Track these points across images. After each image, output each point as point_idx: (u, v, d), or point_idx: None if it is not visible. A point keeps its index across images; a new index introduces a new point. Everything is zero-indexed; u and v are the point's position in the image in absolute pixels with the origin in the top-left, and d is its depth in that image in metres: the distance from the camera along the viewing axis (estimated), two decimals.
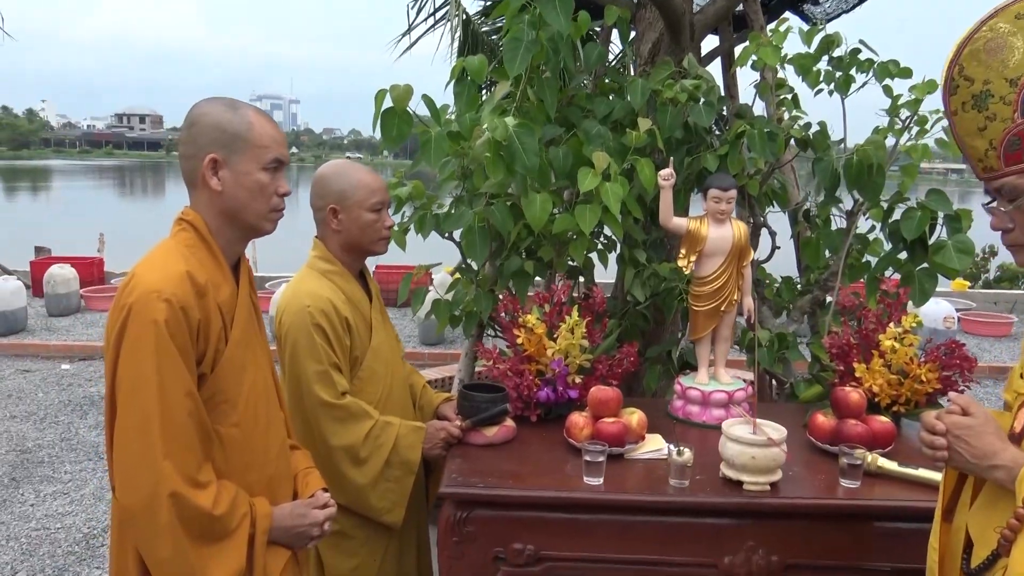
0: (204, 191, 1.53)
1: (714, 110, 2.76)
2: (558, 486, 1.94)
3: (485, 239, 2.61)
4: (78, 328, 7.71)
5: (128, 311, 1.40)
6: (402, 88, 2.46)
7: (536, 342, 2.33)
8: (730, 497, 1.90)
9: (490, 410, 2.14)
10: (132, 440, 1.39)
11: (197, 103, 1.55)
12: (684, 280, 2.95)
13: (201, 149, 1.50)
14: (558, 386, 2.30)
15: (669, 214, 2.36)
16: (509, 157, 2.38)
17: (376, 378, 2.15)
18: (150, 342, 1.38)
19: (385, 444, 2.06)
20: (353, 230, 2.11)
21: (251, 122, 1.52)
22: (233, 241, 1.58)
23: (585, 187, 2.54)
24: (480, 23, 7.14)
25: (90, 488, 4.21)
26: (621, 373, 2.37)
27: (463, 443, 2.16)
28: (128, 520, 1.42)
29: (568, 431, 2.15)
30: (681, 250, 2.37)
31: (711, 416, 2.35)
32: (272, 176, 1.55)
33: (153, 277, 1.42)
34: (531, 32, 2.62)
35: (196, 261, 1.50)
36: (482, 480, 1.94)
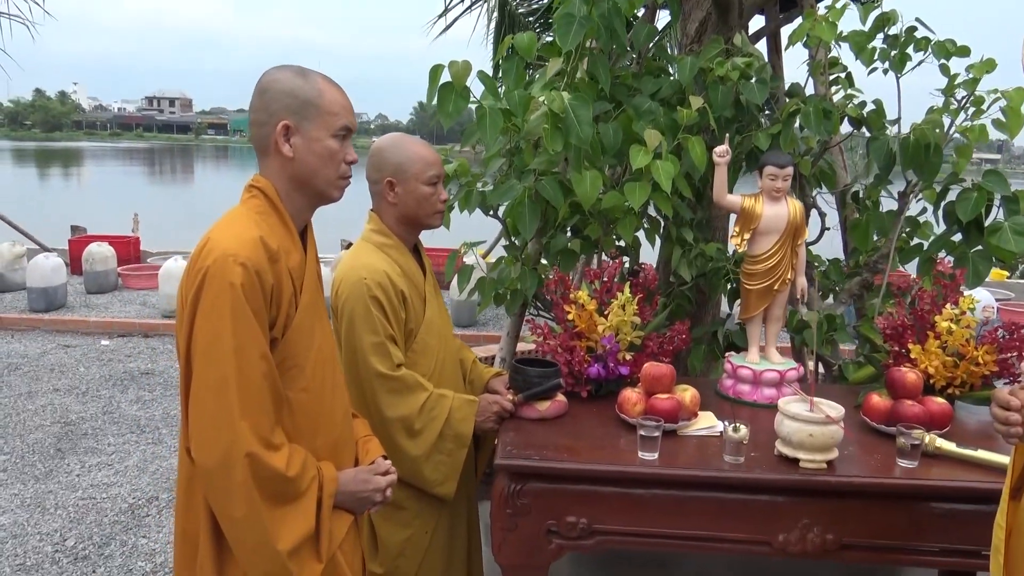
0: (275, 158, 1.54)
1: (767, 88, 2.73)
2: (612, 460, 1.95)
3: (535, 213, 2.61)
4: (116, 305, 7.82)
5: (204, 274, 1.42)
6: (460, 64, 2.46)
7: (587, 319, 2.33)
8: (786, 474, 1.89)
9: (543, 384, 2.15)
10: (209, 400, 1.41)
11: (268, 71, 1.56)
12: (732, 260, 2.94)
13: (273, 116, 1.51)
14: (609, 362, 2.30)
15: (723, 191, 2.34)
16: (564, 129, 2.37)
17: (429, 351, 2.16)
18: (226, 304, 1.40)
19: (439, 416, 2.07)
20: (409, 203, 2.11)
21: (321, 89, 1.53)
22: (302, 208, 1.59)
23: (637, 164, 2.53)
24: (516, 5, 7.11)
25: (133, 460, 4.29)
26: (672, 350, 2.37)
27: (515, 417, 2.17)
28: (203, 479, 1.44)
29: (620, 407, 2.15)
30: (735, 228, 2.36)
31: (762, 395, 2.34)
32: (341, 143, 1.56)
33: (228, 241, 1.44)
34: (583, 8, 2.61)
35: (268, 227, 1.51)
36: (537, 453, 1.94)
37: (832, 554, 1.92)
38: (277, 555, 1.45)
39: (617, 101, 2.91)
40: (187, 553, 1.55)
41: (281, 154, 1.53)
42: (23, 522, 3.57)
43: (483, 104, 2.51)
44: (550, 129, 2.35)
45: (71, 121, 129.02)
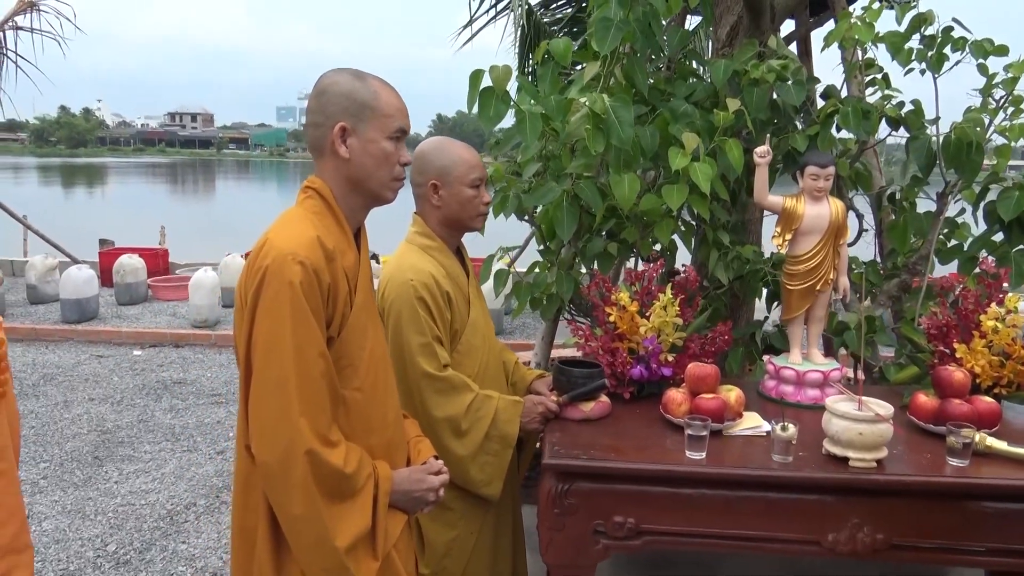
0: (331, 159, 1.56)
1: (804, 89, 2.73)
2: (659, 459, 1.95)
3: (573, 215, 2.62)
4: (147, 316, 7.92)
5: (264, 273, 1.44)
6: (501, 69, 2.48)
7: (628, 320, 2.34)
8: (835, 473, 1.89)
9: (588, 385, 2.16)
10: (269, 398, 1.43)
11: (325, 73, 1.59)
12: (770, 263, 2.94)
13: (330, 118, 1.54)
14: (651, 364, 2.31)
15: (764, 192, 2.34)
16: (606, 131, 2.38)
17: (474, 352, 2.18)
18: (286, 303, 1.42)
19: (485, 417, 2.08)
20: (453, 205, 2.13)
21: (377, 92, 1.55)
22: (356, 209, 1.61)
23: (676, 166, 2.53)
24: (541, 15, 7.15)
25: (170, 467, 4.33)
26: (714, 351, 2.36)
27: (560, 418, 2.17)
28: (263, 476, 1.46)
29: (665, 407, 2.15)
30: (776, 228, 2.36)
31: (805, 396, 2.33)
32: (395, 145, 1.58)
33: (287, 241, 1.46)
34: (619, 12, 2.63)
35: (324, 227, 1.54)
36: (584, 452, 1.95)
37: (882, 554, 1.91)
38: (335, 552, 1.46)
39: (651, 105, 2.92)
40: (245, 550, 1.57)
41: (337, 155, 1.55)
42: (65, 528, 3.61)
43: (523, 108, 2.54)
44: (592, 130, 2.37)
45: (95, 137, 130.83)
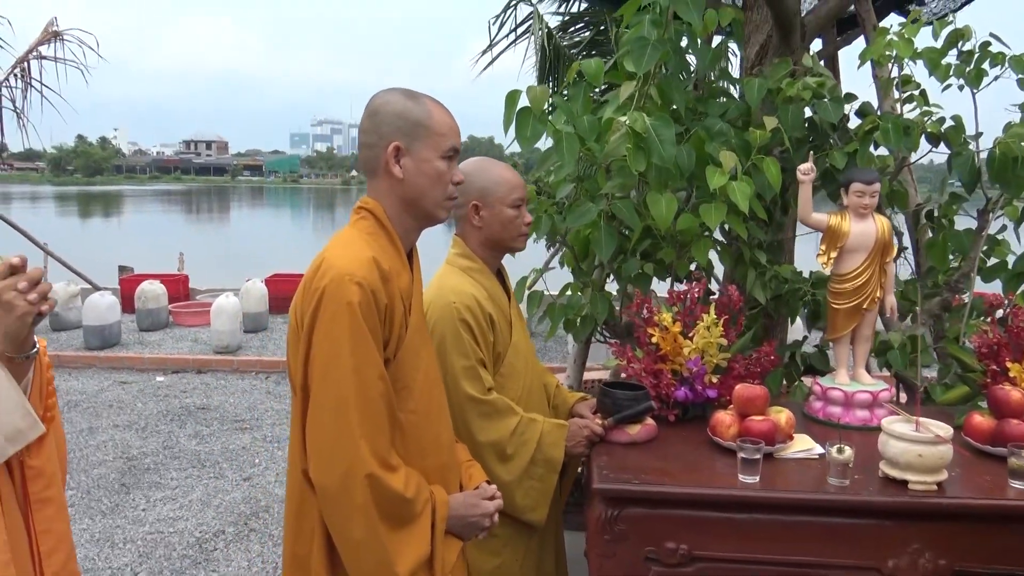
0: (384, 179, 1.55)
1: (842, 106, 2.71)
2: (712, 484, 1.91)
3: (611, 235, 2.59)
4: (168, 342, 7.93)
5: (321, 294, 1.42)
6: (538, 89, 2.47)
7: (671, 341, 2.30)
8: (895, 496, 1.83)
9: (634, 408, 2.11)
10: (328, 420, 1.40)
11: (377, 93, 1.58)
12: (809, 282, 2.90)
13: (383, 137, 1.52)
14: (696, 385, 2.26)
15: (808, 209, 2.31)
16: (647, 149, 2.36)
17: (517, 375, 2.15)
18: (344, 323, 1.40)
19: (530, 441, 2.05)
20: (495, 226, 2.11)
21: (430, 110, 1.54)
22: (409, 229, 1.59)
23: (714, 184, 2.51)
24: (560, 37, 7.17)
25: (197, 494, 4.30)
26: (760, 372, 2.32)
27: (605, 441, 2.13)
28: (322, 501, 1.42)
29: (713, 429, 2.11)
30: (821, 246, 2.32)
31: (854, 417, 2.28)
32: (448, 164, 1.56)
33: (344, 261, 1.44)
34: (653, 31, 2.62)
35: (379, 248, 1.52)
36: (635, 477, 1.91)
37: None
38: None
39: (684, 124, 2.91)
40: None
41: (391, 175, 1.53)
42: (94, 556, 3.58)
43: (560, 129, 2.52)
44: (632, 149, 2.35)
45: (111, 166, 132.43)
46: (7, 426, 1.36)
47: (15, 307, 1.31)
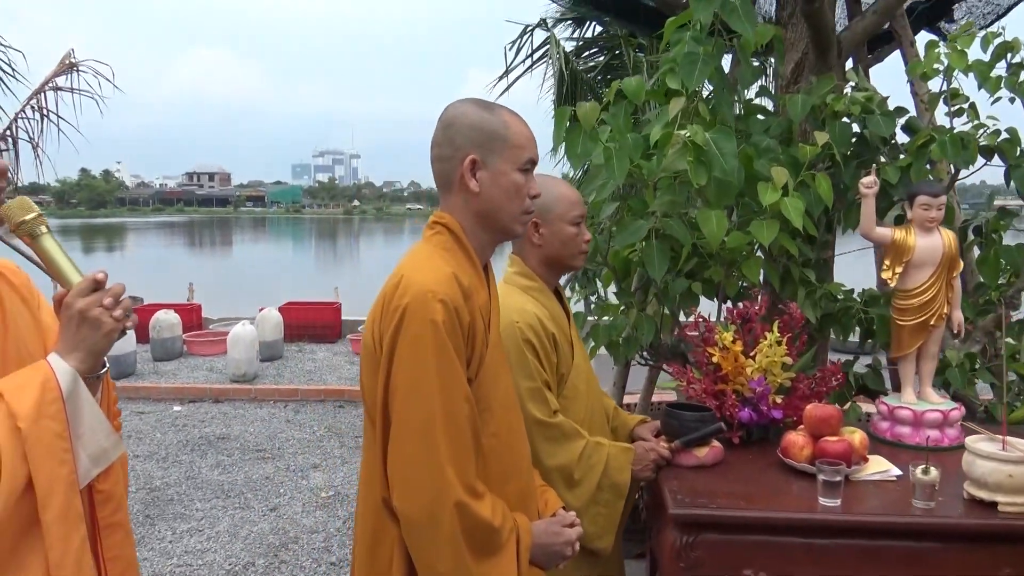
0: (460, 193, 1.49)
1: (894, 121, 2.66)
2: (791, 508, 1.83)
3: (664, 253, 2.54)
4: (184, 371, 7.85)
5: (403, 312, 1.36)
6: (588, 106, 2.43)
7: (732, 360, 2.23)
8: (984, 519, 1.76)
9: (702, 429, 2.04)
10: (414, 445, 1.33)
11: (451, 105, 1.53)
12: (861, 299, 2.83)
13: (459, 150, 1.47)
14: (760, 406, 2.19)
15: (871, 223, 2.26)
16: (707, 163, 2.31)
17: (579, 397, 2.08)
18: (429, 343, 1.34)
19: (597, 465, 1.97)
20: (555, 244, 2.06)
21: (507, 121, 1.49)
22: (485, 244, 1.54)
23: (767, 201, 2.46)
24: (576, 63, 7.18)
25: (223, 526, 4.20)
26: (825, 392, 2.25)
27: (672, 465, 2.06)
28: (406, 530, 1.35)
29: (785, 451, 2.04)
30: (885, 262, 2.26)
31: (924, 437, 2.21)
32: (525, 177, 1.51)
33: (425, 277, 1.38)
34: (697, 47, 2.58)
35: (456, 263, 1.46)
36: (711, 501, 1.83)
37: None
38: None
39: None
40: None
41: (467, 189, 1.48)
42: None
43: (609, 146, 2.48)
44: (693, 163, 2.30)
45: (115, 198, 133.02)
46: (92, 447, 1.30)
47: (102, 324, 1.26)
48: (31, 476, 1.22)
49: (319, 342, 9.41)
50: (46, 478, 1.23)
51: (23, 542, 1.25)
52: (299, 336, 9.36)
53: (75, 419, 1.28)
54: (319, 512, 4.40)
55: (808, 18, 3.07)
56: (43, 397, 1.24)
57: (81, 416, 1.29)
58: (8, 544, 1.22)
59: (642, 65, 6.97)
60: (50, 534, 1.24)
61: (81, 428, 1.29)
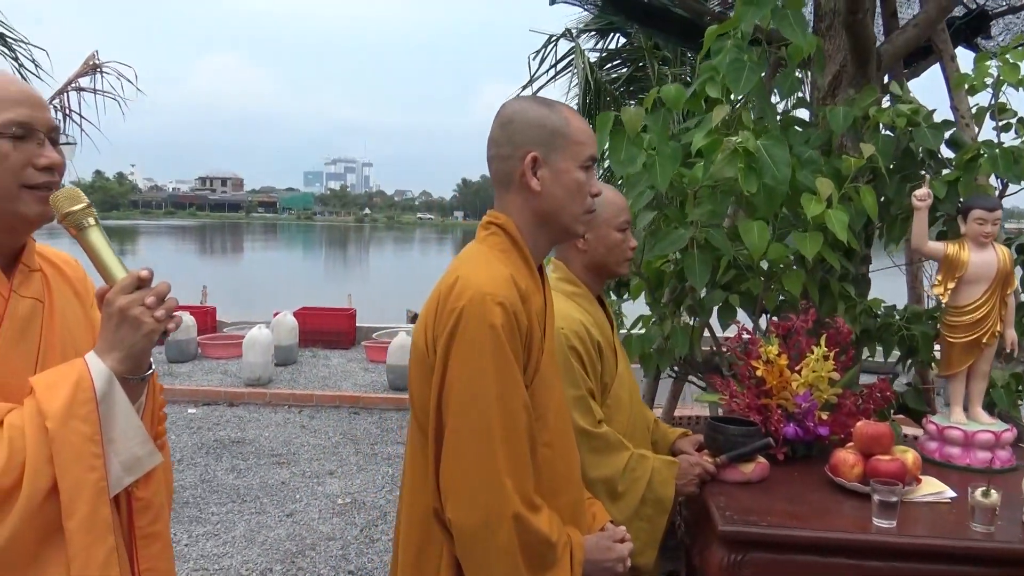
0: (519, 193, 1.44)
1: (942, 133, 2.61)
2: (843, 528, 1.77)
3: (706, 263, 2.48)
4: (198, 374, 7.81)
5: (459, 315, 1.31)
6: (632, 111, 2.39)
7: (777, 375, 2.17)
8: None
9: (749, 445, 1.98)
10: (469, 454, 1.28)
11: (508, 102, 1.48)
12: (903, 316, 2.77)
13: (519, 148, 1.42)
14: (806, 422, 2.13)
15: (924, 238, 2.20)
16: (759, 171, 2.26)
17: (623, 407, 2.03)
18: (487, 347, 1.28)
19: (641, 478, 1.92)
20: (600, 250, 2.01)
21: (567, 117, 1.44)
22: (541, 245, 1.49)
23: (811, 213, 2.41)
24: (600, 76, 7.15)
25: (239, 530, 4.15)
26: (872, 408, 2.19)
27: (716, 480, 2.00)
28: (460, 542, 1.30)
29: (834, 469, 1.97)
30: (936, 277, 2.20)
31: (975, 459, 2.15)
32: (587, 175, 1.46)
33: (482, 279, 1.33)
34: (741, 54, 2.54)
35: (512, 265, 1.41)
36: (762, 519, 1.77)
37: None
38: None
39: None
40: None
41: (527, 188, 1.43)
42: None
43: (651, 152, 2.43)
44: (744, 170, 2.25)
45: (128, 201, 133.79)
46: (125, 454, 1.25)
47: (142, 324, 1.21)
48: (56, 480, 1.17)
49: (333, 348, 9.36)
50: (72, 483, 1.17)
51: (45, 549, 1.19)
52: (313, 341, 9.32)
53: (108, 423, 1.23)
54: (336, 519, 4.34)
55: (849, 29, 3.02)
56: (75, 397, 1.19)
57: (115, 420, 1.24)
58: (30, 550, 1.17)
59: (666, 78, 6.94)
60: (73, 543, 1.18)
61: (114, 432, 1.24)
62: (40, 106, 1.26)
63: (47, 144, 1.26)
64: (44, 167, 1.24)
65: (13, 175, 1.22)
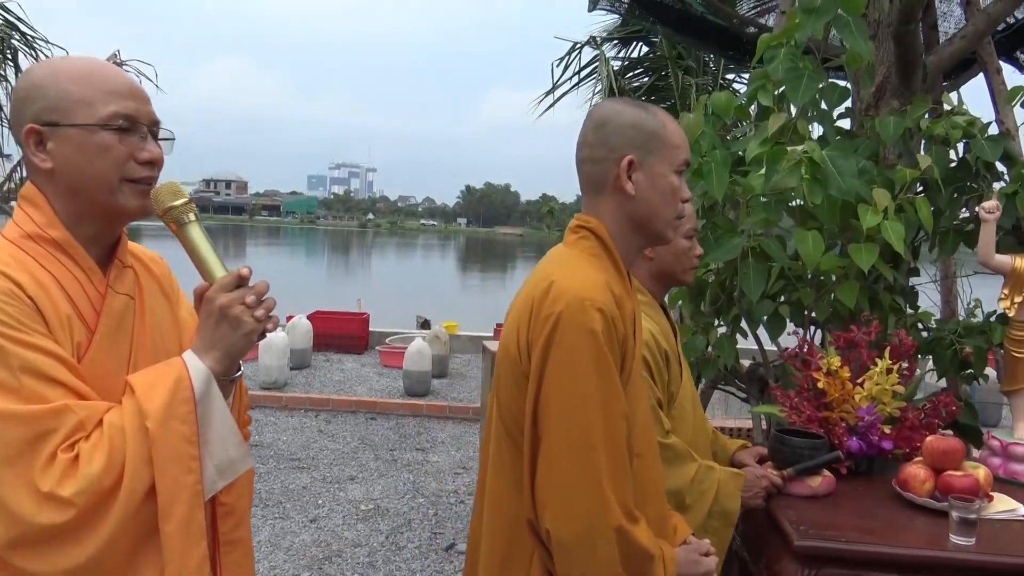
0: (612, 196, 1.41)
1: (1000, 145, 2.58)
2: (917, 544, 1.73)
3: (761, 272, 2.46)
4: None
5: (556, 320, 1.27)
6: (691, 117, 2.36)
7: (839, 387, 2.14)
8: None
9: (817, 457, 1.95)
10: (571, 465, 1.24)
11: (601, 104, 1.45)
12: (956, 329, 2.74)
13: (615, 150, 1.39)
14: (870, 435, 2.10)
15: (991, 250, 2.17)
16: (823, 181, 2.23)
17: (687, 418, 1.99)
18: (588, 354, 1.25)
19: (708, 491, 1.88)
20: (667, 257, 1.98)
21: (663, 121, 1.41)
22: (631, 251, 1.46)
23: (867, 224, 2.38)
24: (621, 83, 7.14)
25: (264, 535, 4.11)
26: (937, 422, 2.15)
27: (782, 494, 1.96)
28: (558, 555, 1.26)
29: (904, 484, 1.93)
30: (1003, 291, 2.17)
31: None
32: (680, 180, 1.43)
33: (577, 284, 1.30)
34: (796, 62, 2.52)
35: (605, 271, 1.38)
36: (839, 534, 1.73)
37: None
38: None
39: None
40: None
41: (621, 192, 1.40)
42: None
43: (707, 160, 2.41)
44: (809, 180, 2.22)
45: None
46: (220, 456, 1.22)
47: (242, 323, 1.18)
48: (154, 481, 1.14)
49: (346, 352, 9.33)
50: (169, 485, 1.15)
51: (140, 552, 1.17)
52: (326, 345, 9.29)
53: (205, 424, 1.20)
54: (360, 525, 4.30)
55: (899, 40, 3.00)
56: (174, 397, 1.16)
57: (212, 421, 1.21)
58: (124, 551, 1.14)
59: (691, 87, 6.93)
60: (169, 547, 1.15)
61: (210, 434, 1.21)
62: (144, 99, 1.24)
63: (149, 138, 1.23)
64: (146, 161, 1.22)
65: (116, 168, 1.19)
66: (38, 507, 1.06)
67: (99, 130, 1.18)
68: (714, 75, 7.55)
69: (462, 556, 3.94)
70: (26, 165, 1.24)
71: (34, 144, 1.20)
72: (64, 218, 1.22)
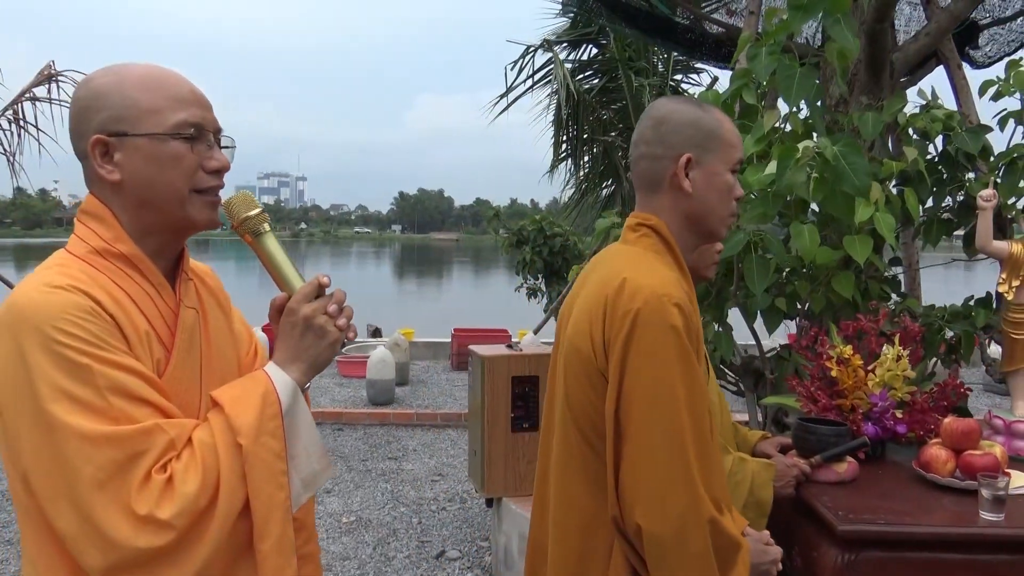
0: (669, 194, 1.43)
1: (980, 137, 2.69)
2: (948, 523, 1.79)
3: (765, 266, 2.50)
4: None
5: (635, 316, 1.28)
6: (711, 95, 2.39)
7: (852, 375, 2.20)
8: None
9: (842, 444, 2.00)
10: (661, 460, 1.25)
11: (658, 102, 1.47)
12: (943, 316, 2.84)
13: (672, 148, 1.41)
14: (885, 421, 2.16)
15: (989, 237, 2.26)
16: (832, 179, 2.29)
17: (714, 410, 2.00)
18: (671, 350, 1.26)
19: (743, 482, 1.91)
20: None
21: (720, 119, 1.44)
22: (688, 248, 1.48)
23: (861, 217, 2.45)
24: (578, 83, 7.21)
25: None
26: (946, 405, 2.23)
27: (811, 481, 2.00)
28: (650, 548, 1.26)
29: (927, 465, 2.00)
30: (1001, 275, 2.26)
31: None
32: (734, 178, 1.46)
33: (651, 281, 1.31)
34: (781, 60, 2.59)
35: (669, 267, 1.39)
36: (877, 517, 1.78)
37: None
38: None
39: None
40: None
41: (678, 189, 1.41)
42: None
43: None
44: (819, 178, 2.27)
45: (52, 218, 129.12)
46: (305, 470, 1.19)
47: (327, 333, 1.16)
48: (248, 499, 1.11)
49: None
50: (264, 503, 1.12)
51: (232, 571, 1.13)
52: None
53: (292, 437, 1.17)
54: (345, 538, 4.23)
55: (872, 36, 3.10)
56: (264, 412, 1.13)
57: (299, 434, 1.18)
58: (219, 571, 1.10)
59: (643, 88, 7.04)
60: (265, 566, 1.12)
61: (296, 448, 1.18)
62: (208, 106, 1.20)
63: (215, 146, 1.19)
64: (214, 170, 1.18)
65: (187, 178, 1.15)
66: (136, 531, 1.02)
67: (169, 139, 1.14)
68: (662, 76, 7.69)
69: (454, 564, 3.91)
70: (88, 177, 1.19)
71: (100, 155, 1.15)
72: (131, 232, 1.17)
